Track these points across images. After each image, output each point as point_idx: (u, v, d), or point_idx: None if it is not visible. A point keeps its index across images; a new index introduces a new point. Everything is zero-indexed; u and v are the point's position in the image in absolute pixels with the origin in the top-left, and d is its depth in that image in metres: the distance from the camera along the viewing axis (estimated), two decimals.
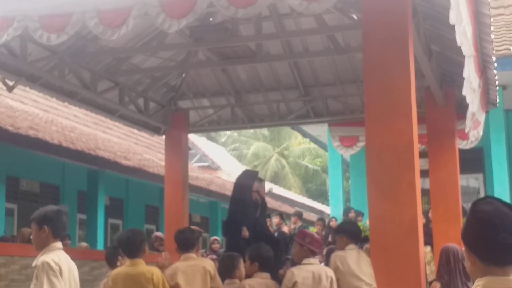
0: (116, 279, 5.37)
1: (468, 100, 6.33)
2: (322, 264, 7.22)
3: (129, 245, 5.45)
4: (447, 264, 5.95)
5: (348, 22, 8.37)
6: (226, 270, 6.03)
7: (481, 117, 8.34)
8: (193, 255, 6.11)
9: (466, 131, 7.93)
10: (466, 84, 5.77)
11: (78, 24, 5.69)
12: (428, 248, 10.34)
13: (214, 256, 9.38)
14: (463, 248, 2.10)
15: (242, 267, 6.00)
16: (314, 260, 5.98)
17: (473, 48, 5.88)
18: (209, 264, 6.09)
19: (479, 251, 2.01)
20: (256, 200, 8.82)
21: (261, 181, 9.35)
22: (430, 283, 9.79)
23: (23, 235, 9.03)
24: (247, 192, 8.73)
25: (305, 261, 5.89)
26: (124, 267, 5.44)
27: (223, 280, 6.05)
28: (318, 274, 5.75)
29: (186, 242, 6.13)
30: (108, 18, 5.57)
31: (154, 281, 5.28)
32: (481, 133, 9.45)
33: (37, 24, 5.75)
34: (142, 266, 5.35)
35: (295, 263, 6.26)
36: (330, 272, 5.89)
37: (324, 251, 9.65)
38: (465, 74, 5.50)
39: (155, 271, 5.38)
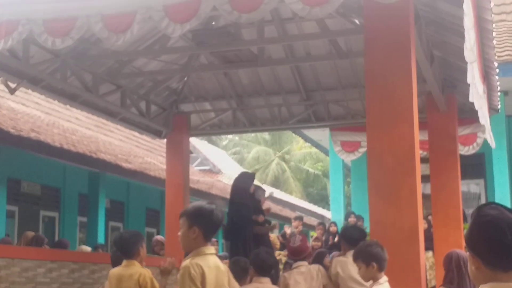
0: (111, 278, 5.44)
1: (476, 106, 6.31)
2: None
3: (122, 246, 5.49)
4: (458, 269, 5.90)
5: (350, 27, 8.38)
6: (238, 273, 5.96)
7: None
8: None
9: (488, 139, 7.89)
10: (472, 90, 5.77)
11: (83, 28, 5.67)
12: (430, 253, 10.32)
13: None
14: (468, 253, 2.09)
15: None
16: (303, 263, 6.32)
17: (476, 54, 5.88)
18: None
19: (485, 255, 1.99)
20: (258, 206, 8.84)
21: (264, 191, 9.34)
22: None
23: (26, 238, 9.00)
24: (244, 195, 8.73)
25: (295, 264, 6.26)
26: (119, 267, 5.45)
27: None
28: (309, 274, 6.10)
29: None
30: (113, 23, 5.55)
31: (140, 282, 5.24)
32: (483, 139, 9.44)
33: (41, 28, 5.72)
34: (133, 268, 5.32)
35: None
36: (317, 267, 6.29)
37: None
38: (469, 79, 5.50)
39: (143, 272, 5.30)
